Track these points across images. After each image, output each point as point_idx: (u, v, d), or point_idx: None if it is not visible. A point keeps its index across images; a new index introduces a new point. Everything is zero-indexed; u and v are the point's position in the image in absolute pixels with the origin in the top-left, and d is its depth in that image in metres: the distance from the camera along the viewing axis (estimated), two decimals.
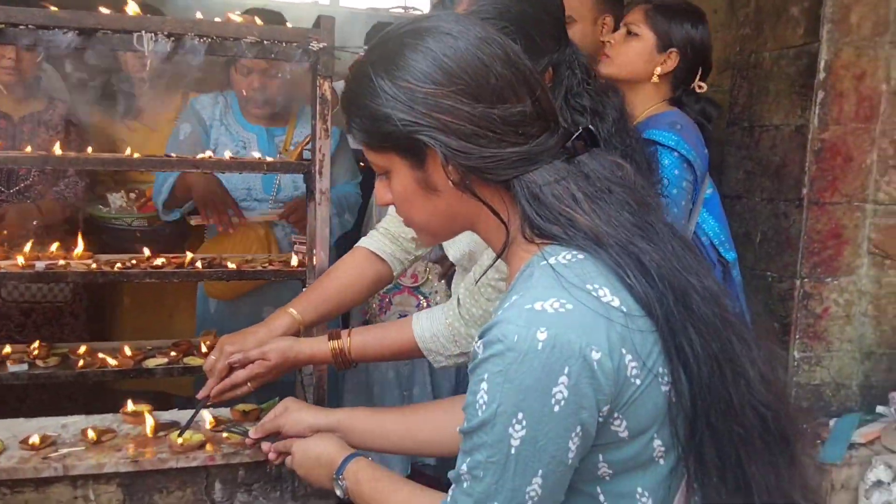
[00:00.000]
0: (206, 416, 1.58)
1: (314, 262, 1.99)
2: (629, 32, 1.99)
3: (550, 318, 0.88)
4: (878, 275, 2.03)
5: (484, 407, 0.90)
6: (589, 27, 2.13)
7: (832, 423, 2.03)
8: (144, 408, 1.62)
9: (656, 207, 1.02)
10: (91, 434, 1.49)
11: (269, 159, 1.87)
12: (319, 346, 1.50)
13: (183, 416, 1.66)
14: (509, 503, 0.91)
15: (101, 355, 2.00)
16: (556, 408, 0.88)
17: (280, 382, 1.59)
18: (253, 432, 1.42)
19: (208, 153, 1.88)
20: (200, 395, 1.51)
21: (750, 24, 2.19)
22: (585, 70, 1.44)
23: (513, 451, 0.89)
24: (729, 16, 2.34)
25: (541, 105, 0.99)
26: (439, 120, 0.96)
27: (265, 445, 1.39)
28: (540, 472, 0.90)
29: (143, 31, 1.58)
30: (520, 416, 0.88)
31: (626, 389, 0.90)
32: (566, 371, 0.87)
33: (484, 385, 0.90)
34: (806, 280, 2.02)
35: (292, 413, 1.40)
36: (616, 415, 0.91)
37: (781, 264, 2.09)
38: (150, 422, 1.55)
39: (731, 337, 0.96)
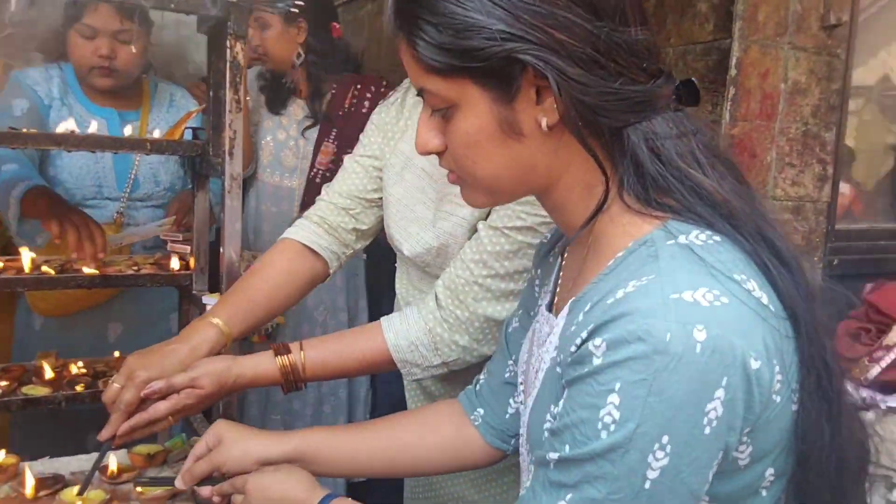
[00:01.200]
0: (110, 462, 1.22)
1: (202, 265, 1.67)
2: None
3: (706, 313, 0.68)
4: None
5: (612, 427, 0.68)
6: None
7: None
8: (14, 458, 1.22)
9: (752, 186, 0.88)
10: None
11: (152, 137, 1.52)
12: (263, 364, 1.21)
13: (61, 465, 1.28)
14: None
15: None
16: (708, 429, 0.68)
17: None
18: (182, 479, 1.10)
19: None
20: (103, 435, 1.15)
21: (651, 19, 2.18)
22: None
23: (647, 484, 0.68)
24: None
25: (653, 38, 0.80)
26: (553, 37, 0.73)
27: (204, 490, 1.07)
28: None
29: None
30: (664, 439, 0.68)
31: (767, 408, 0.72)
32: (724, 383, 0.67)
33: (614, 397, 0.68)
34: None
35: (233, 444, 1.08)
36: (745, 438, 0.74)
37: None
38: (29, 479, 1.15)
39: (831, 345, 0.84)
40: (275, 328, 2.40)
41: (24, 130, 1.44)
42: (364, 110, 2.52)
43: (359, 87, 2.52)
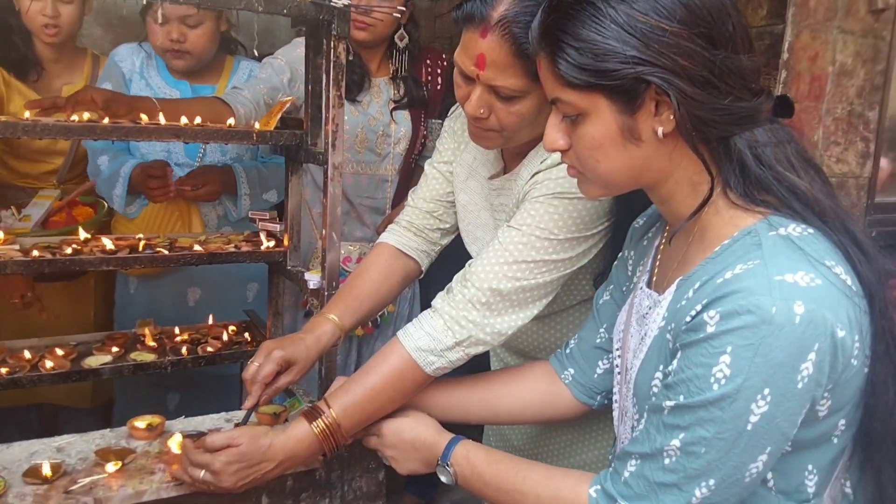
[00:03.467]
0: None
1: (294, 243, 1.83)
2: None
3: (804, 291, 0.85)
4: None
5: (724, 381, 0.86)
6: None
7: None
8: (161, 419, 1.39)
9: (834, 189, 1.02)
10: (120, 458, 1.26)
11: (257, 128, 1.66)
12: (299, 432, 1.22)
13: (199, 423, 1.46)
14: (725, 480, 0.89)
15: (26, 356, 1.71)
16: (800, 384, 0.86)
17: None
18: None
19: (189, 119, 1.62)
20: (248, 404, 1.33)
21: None
22: None
23: (749, 426, 0.86)
24: None
25: (757, 62, 0.95)
26: (677, 63, 0.88)
27: None
28: (768, 449, 0.88)
29: None
30: (766, 391, 0.85)
31: (847, 369, 0.90)
32: (815, 348, 0.85)
33: (725, 358, 0.85)
34: None
35: None
36: (825, 393, 0.91)
37: None
38: (177, 437, 1.33)
39: None
40: (384, 317, 2.42)
41: (145, 121, 1.58)
42: (438, 87, 2.40)
43: (428, 61, 2.39)
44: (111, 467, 1.25)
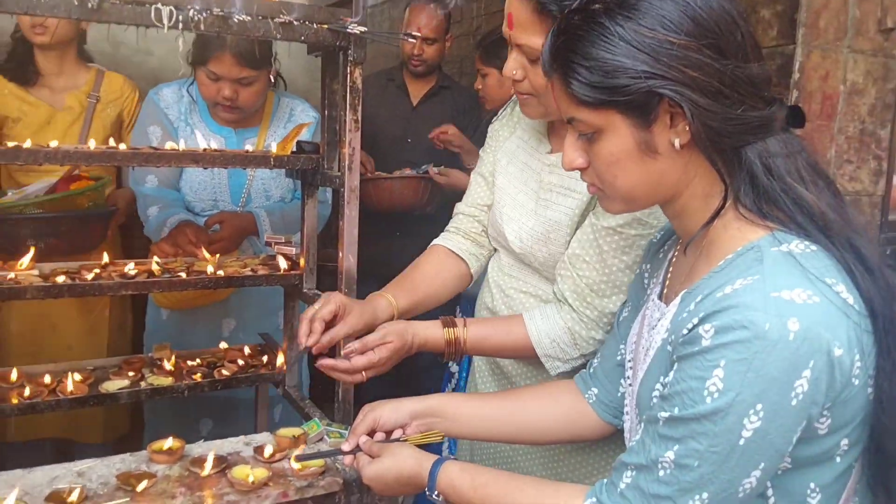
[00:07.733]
0: (268, 446, 1.40)
1: (311, 266, 1.84)
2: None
3: (800, 309, 0.84)
4: None
5: (717, 395, 0.86)
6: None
7: None
8: (181, 442, 1.40)
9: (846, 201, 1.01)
10: (140, 482, 1.26)
11: (274, 154, 1.67)
12: (433, 331, 1.42)
13: (217, 447, 1.46)
14: (718, 495, 0.88)
15: (46, 380, 1.72)
16: (794, 401, 0.85)
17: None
18: (349, 443, 1.27)
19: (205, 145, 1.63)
20: (310, 342, 1.33)
21: None
22: None
23: (741, 442, 0.86)
24: None
25: (768, 70, 0.95)
26: (687, 74, 0.89)
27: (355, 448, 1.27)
28: (762, 464, 0.88)
29: (161, 3, 1.35)
30: (758, 406, 0.85)
31: (846, 388, 0.89)
32: (811, 365, 0.84)
33: (719, 372, 0.85)
34: None
35: (384, 405, 1.29)
36: (824, 412, 0.90)
37: None
38: (210, 461, 1.33)
39: None
40: None
41: (169, 147, 1.60)
42: None
43: None
44: (142, 486, 1.25)
